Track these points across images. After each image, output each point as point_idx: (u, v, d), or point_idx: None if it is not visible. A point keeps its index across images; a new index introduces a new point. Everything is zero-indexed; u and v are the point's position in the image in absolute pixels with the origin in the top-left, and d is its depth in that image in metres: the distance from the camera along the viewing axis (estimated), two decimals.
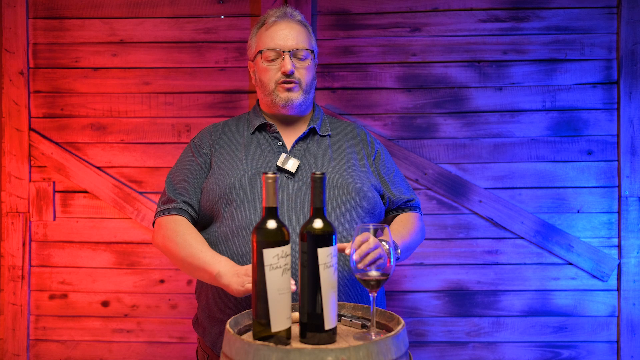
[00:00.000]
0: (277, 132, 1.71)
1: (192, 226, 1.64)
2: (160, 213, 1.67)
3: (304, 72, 1.69)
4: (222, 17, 2.38)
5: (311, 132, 1.74)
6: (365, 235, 1.30)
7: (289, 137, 1.73)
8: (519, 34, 2.34)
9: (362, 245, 1.29)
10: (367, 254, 1.29)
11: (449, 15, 2.35)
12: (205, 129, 1.80)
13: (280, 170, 1.65)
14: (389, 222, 1.78)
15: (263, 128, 1.74)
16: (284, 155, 1.65)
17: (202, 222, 1.70)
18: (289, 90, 1.67)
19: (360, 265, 1.28)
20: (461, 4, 2.34)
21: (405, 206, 1.80)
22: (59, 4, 2.39)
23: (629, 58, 2.30)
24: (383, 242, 1.28)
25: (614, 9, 2.32)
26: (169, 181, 1.71)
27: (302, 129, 1.75)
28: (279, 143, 1.70)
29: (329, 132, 1.76)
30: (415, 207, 1.81)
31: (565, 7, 2.33)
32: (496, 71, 2.35)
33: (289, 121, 1.75)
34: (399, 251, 1.55)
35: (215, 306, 1.63)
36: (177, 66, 2.38)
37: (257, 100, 1.81)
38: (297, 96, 1.68)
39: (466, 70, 2.35)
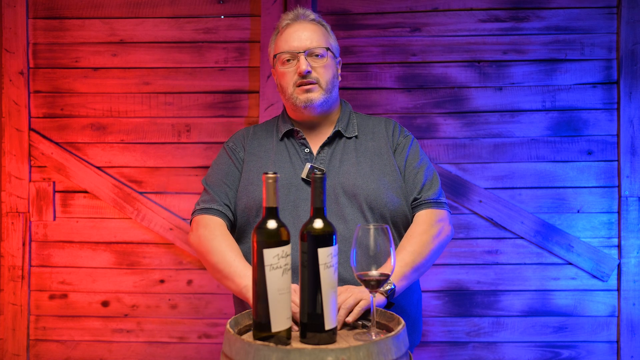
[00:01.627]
0: (304, 139, 1.67)
1: (229, 233, 1.62)
2: (200, 211, 1.64)
3: (322, 71, 1.63)
4: (222, 17, 2.38)
5: (336, 136, 1.69)
6: (339, 291, 1.39)
7: (316, 143, 1.69)
8: (519, 34, 2.34)
9: (340, 310, 1.35)
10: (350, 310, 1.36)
11: (449, 15, 2.35)
12: (238, 133, 1.77)
13: (307, 181, 1.61)
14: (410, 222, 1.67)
15: (290, 134, 1.70)
16: (308, 165, 1.62)
17: (236, 229, 1.68)
18: (307, 91, 1.62)
19: (349, 320, 1.35)
20: (461, 4, 2.34)
21: (419, 203, 1.65)
22: (59, 4, 2.39)
23: (629, 58, 2.30)
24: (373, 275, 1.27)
25: (614, 9, 2.32)
26: (207, 183, 1.69)
27: (327, 131, 1.70)
28: (306, 150, 1.66)
29: (356, 133, 1.69)
30: (433, 203, 1.64)
31: (565, 7, 2.33)
32: (496, 71, 2.35)
33: (314, 124, 1.70)
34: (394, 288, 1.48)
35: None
36: (177, 66, 2.38)
37: (284, 106, 1.77)
38: (316, 96, 1.62)
39: (466, 70, 2.35)
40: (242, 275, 1.49)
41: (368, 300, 1.38)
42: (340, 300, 1.37)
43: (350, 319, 1.35)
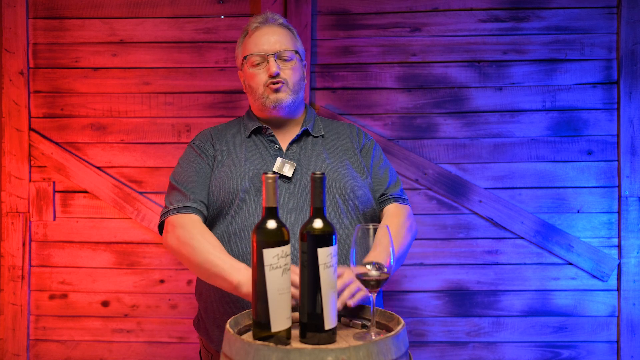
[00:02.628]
0: (273, 135, 1.72)
1: (208, 229, 1.61)
2: (173, 211, 1.63)
3: (290, 73, 1.70)
4: (222, 17, 2.38)
5: (304, 134, 1.75)
6: (342, 270, 1.40)
7: (284, 140, 1.74)
8: (519, 34, 2.34)
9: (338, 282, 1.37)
10: (342, 290, 1.38)
11: (449, 15, 2.35)
12: (204, 131, 1.80)
13: (278, 175, 1.64)
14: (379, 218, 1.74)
15: (258, 131, 1.75)
16: (279, 159, 1.66)
17: (207, 223, 1.69)
18: (276, 90, 1.68)
19: (351, 304, 1.36)
20: (461, 4, 2.34)
21: (386, 198, 1.74)
22: (59, 4, 2.39)
23: (629, 58, 2.30)
24: (370, 266, 1.27)
25: (614, 9, 2.32)
26: (177, 181, 1.68)
27: (295, 131, 1.76)
28: (276, 146, 1.71)
29: (322, 133, 1.77)
30: (398, 198, 1.74)
31: (565, 7, 2.33)
32: (496, 71, 2.35)
33: (282, 124, 1.76)
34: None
35: (217, 306, 1.63)
36: (177, 66, 2.38)
37: (250, 106, 1.82)
38: (285, 96, 1.69)
39: (466, 70, 2.35)
40: (231, 272, 1.48)
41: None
42: (341, 283, 1.38)
43: (352, 302, 1.36)
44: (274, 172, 1.65)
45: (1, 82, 2.42)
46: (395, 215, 1.68)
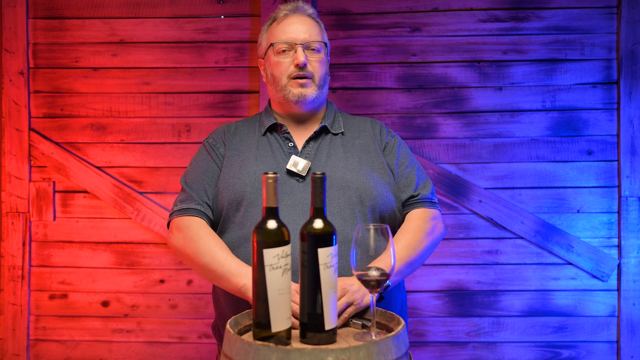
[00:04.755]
0: (288, 133, 1.65)
1: (213, 231, 1.58)
2: (178, 212, 1.59)
3: (317, 66, 1.62)
4: (222, 17, 2.38)
5: (323, 131, 1.67)
6: (339, 291, 1.38)
7: (300, 137, 1.66)
8: (519, 34, 2.34)
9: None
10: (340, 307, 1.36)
11: (449, 15, 2.35)
12: (219, 129, 1.74)
13: (291, 173, 1.59)
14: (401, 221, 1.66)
15: (274, 129, 1.68)
16: (294, 157, 1.59)
17: (217, 224, 1.64)
18: (302, 85, 1.61)
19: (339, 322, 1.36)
20: (461, 4, 2.34)
21: (415, 201, 1.65)
22: (59, 4, 2.39)
23: (629, 58, 2.30)
24: (372, 270, 1.26)
25: (614, 9, 2.32)
26: (185, 181, 1.65)
27: (313, 127, 1.68)
28: (290, 144, 1.64)
29: (342, 130, 1.68)
30: (428, 202, 1.64)
31: (565, 7, 2.33)
32: (496, 71, 2.35)
33: (301, 120, 1.68)
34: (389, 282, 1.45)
35: (230, 312, 1.59)
36: (177, 66, 2.38)
37: (269, 100, 1.75)
38: (310, 92, 1.61)
39: (466, 70, 2.35)
40: (237, 274, 1.45)
41: (357, 306, 1.38)
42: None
43: (337, 323, 1.33)
44: (287, 170, 1.59)
45: (1, 82, 2.42)
46: (416, 219, 1.60)
